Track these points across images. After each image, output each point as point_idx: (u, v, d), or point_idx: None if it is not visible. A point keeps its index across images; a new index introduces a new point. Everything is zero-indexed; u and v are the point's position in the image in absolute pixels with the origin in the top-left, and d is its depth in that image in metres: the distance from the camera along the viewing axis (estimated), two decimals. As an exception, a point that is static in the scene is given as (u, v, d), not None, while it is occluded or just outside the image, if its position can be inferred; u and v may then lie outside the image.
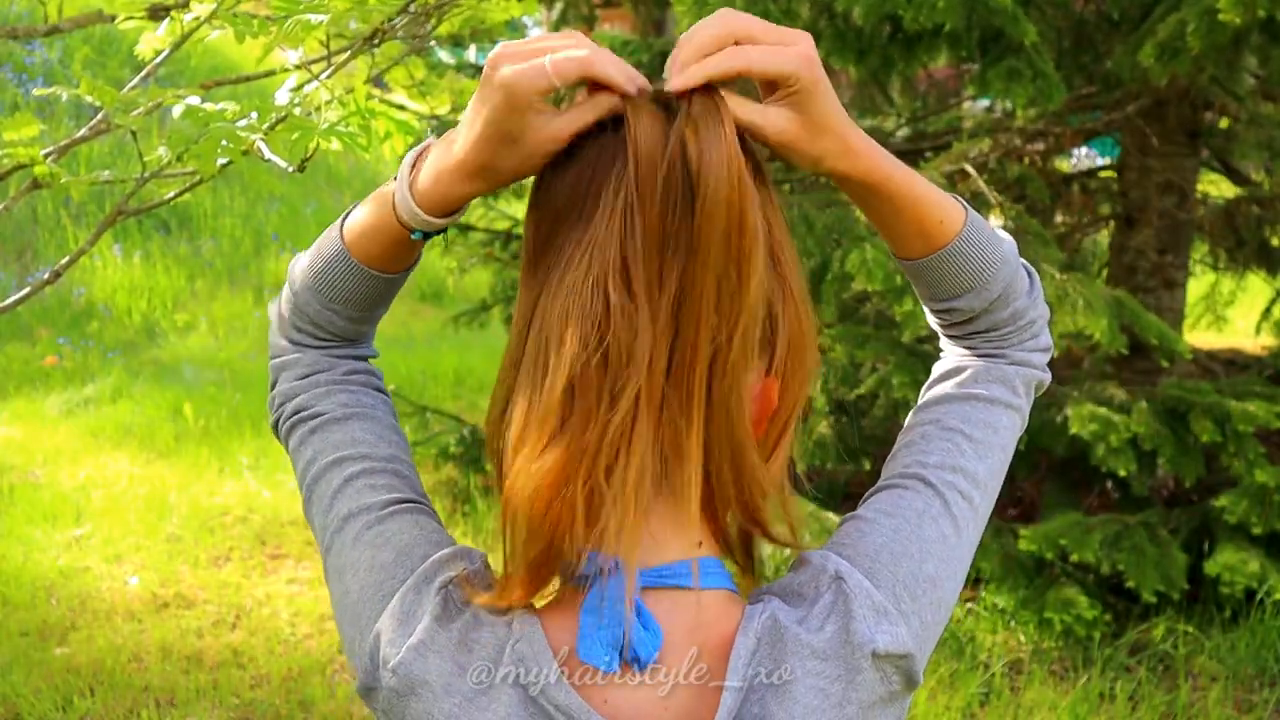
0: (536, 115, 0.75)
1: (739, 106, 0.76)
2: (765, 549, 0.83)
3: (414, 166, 0.82)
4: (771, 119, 0.77)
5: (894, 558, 0.81)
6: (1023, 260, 0.92)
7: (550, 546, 0.72)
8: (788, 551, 0.85)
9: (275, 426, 0.94)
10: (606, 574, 0.75)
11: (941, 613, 0.83)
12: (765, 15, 3.25)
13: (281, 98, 1.16)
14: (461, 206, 0.83)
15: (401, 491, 0.86)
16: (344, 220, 0.89)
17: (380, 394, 0.94)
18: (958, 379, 0.93)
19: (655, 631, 0.75)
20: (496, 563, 0.79)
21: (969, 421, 0.90)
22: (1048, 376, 0.95)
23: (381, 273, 0.88)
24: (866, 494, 0.90)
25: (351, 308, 0.90)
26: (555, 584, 0.78)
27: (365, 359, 0.95)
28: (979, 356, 0.93)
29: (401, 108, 3.49)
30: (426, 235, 0.84)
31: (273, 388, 0.94)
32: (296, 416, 0.90)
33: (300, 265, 0.91)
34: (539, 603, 0.78)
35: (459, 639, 0.76)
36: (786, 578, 0.81)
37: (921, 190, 0.85)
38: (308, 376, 0.91)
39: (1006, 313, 0.91)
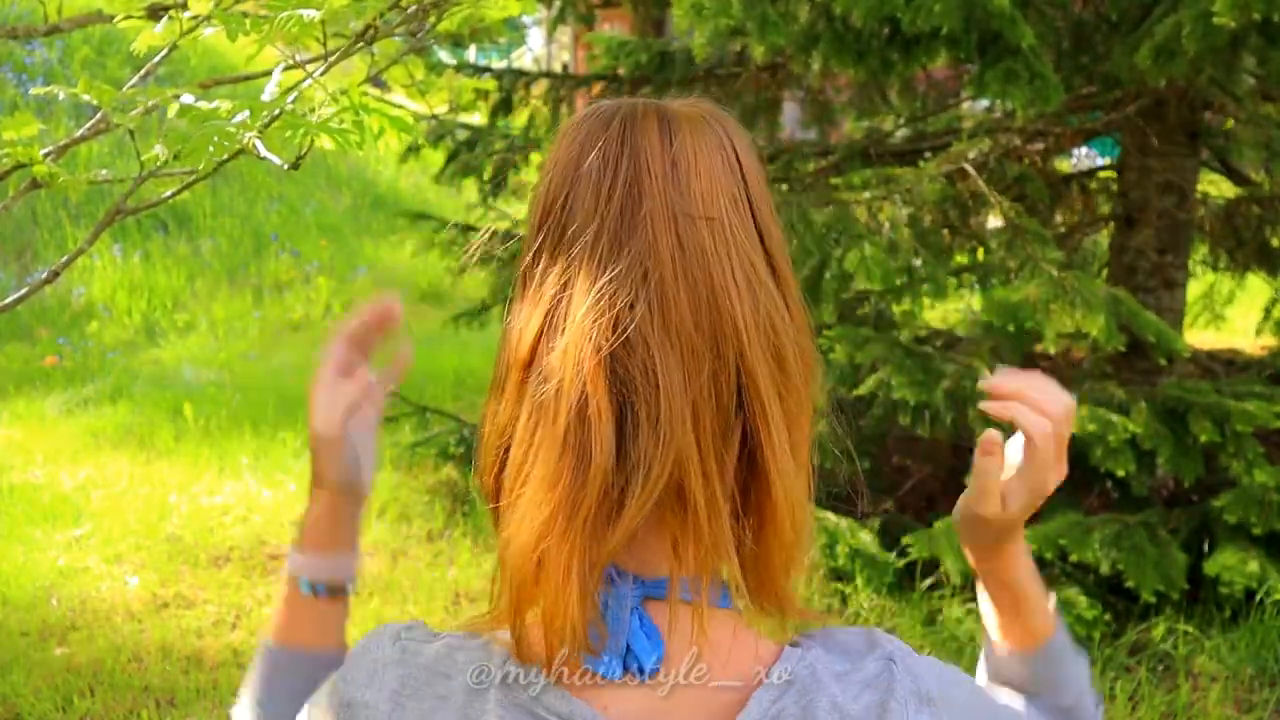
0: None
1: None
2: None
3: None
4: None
5: (962, 693, 0.82)
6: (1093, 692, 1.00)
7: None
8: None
9: None
10: (610, 583, 0.75)
11: None
12: (763, 19, 3.26)
13: (267, 93, 1.15)
14: (336, 550, 0.92)
15: None
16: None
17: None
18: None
19: (657, 640, 0.75)
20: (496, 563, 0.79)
21: None
22: None
23: (295, 651, 0.92)
24: None
25: (280, 703, 0.91)
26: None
27: None
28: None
29: (400, 106, 3.49)
30: (314, 589, 0.91)
31: None
32: None
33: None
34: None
35: (429, 674, 0.77)
36: (837, 629, 0.80)
37: (1036, 584, 0.97)
38: None
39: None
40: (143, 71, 1.43)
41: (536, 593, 0.71)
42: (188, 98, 1.18)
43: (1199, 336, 5.92)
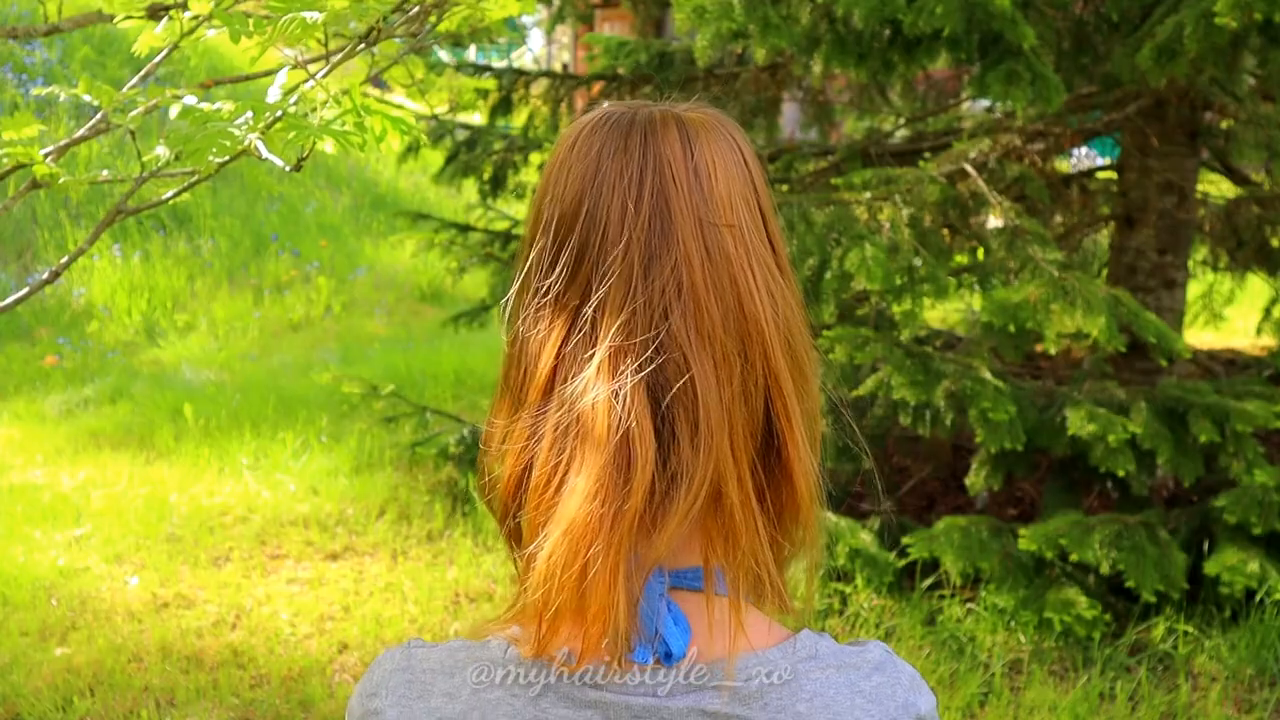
0: None
1: None
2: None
3: None
4: None
5: None
6: None
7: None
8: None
9: None
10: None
11: None
12: (764, 20, 3.26)
13: (272, 95, 1.16)
14: None
15: None
16: None
17: None
18: None
19: (685, 628, 0.76)
20: (496, 563, 0.79)
21: None
22: None
23: None
24: None
25: None
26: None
27: None
28: None
29: (400, 107, 3.49)
30: None
31: None
32: None
33: None
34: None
35: (434, 674, 0.78)
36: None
37: None
38: None
39: None
40: (143, 72, 1.43)
41: (580, 601, 0.71)
42: (189, 98, 1.18)
43: (1199, 336, 5.92)
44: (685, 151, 0.76)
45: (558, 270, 0.76)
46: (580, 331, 0.75)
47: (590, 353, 0.74)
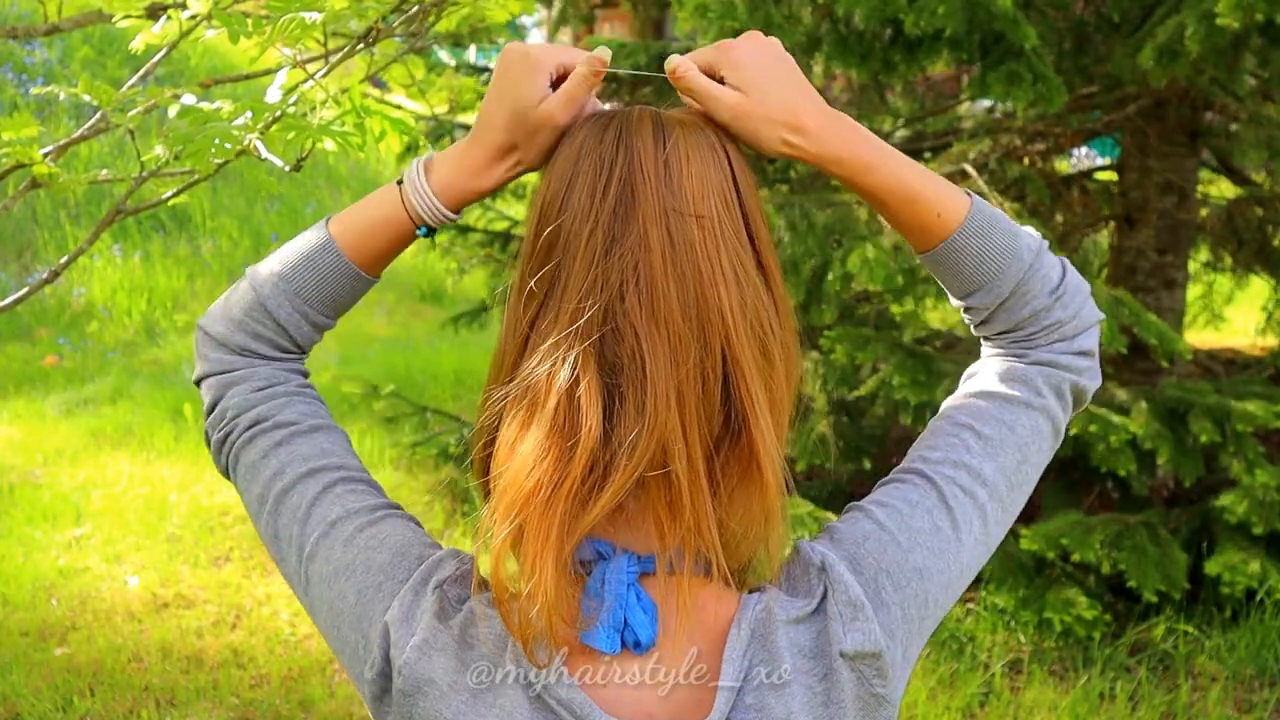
0: (545, 85, 0.82)
1: (696, 80, 0.83)
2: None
3: (424, 171, 0.87)
4: (723, 94, 0.83)
5: (880, 545, 0.82)
6: (1062, 260, 0.92)
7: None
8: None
9: (223, 442, 0.91)
10: (605, 559, 0.78)
11: (929, 609, 0.83)
12: (767, 20, 3.26)
13: (272, 95, 1.16)
14: (458, 199, 0.89)
15: (384, 499, 0.88)
16: (329, 221, 0.92)
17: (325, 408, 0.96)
18: (977, 376, 0.93)
19: (653, 615, 0.77)
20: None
21: (981, 418, 0.88)
22: (1088, 382, 0.92)
23: (361, 273, 0.91)
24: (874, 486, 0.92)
25: (323, 310, 0.92)
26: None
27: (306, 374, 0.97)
28: (1003, 356, 0.92)
29: (399, 107, 3.49)
30: (430, 232, 0.89)
31: (215, 404, 0.92)
32: (256, 428, 0.90)
33: (266, 270, 0.92)
34: None
35: (459, 635, 0.78)
36: (785, 569, 0.83)
37: (916, 184, 0.85)
38: (265, 389, 0.91)
39: (1025, 312, 0.89)
40: (142, 71, 1.42)
41: (516, 557, 0.74)
42: (189, 98, 1.18)
43: (1199, 336, 5.92)
44: (657, 144, 0.78)
45: (536, 256, 0.80)
46: (547, 310, 0.78)
47: (551, 327, 0.76)
